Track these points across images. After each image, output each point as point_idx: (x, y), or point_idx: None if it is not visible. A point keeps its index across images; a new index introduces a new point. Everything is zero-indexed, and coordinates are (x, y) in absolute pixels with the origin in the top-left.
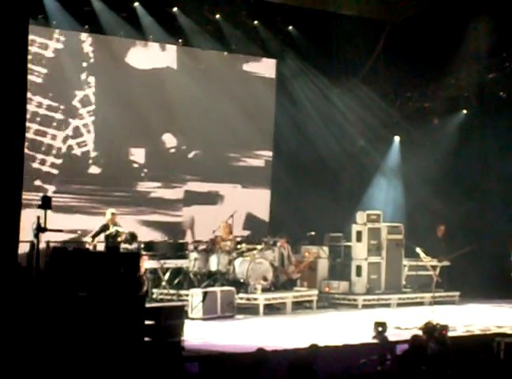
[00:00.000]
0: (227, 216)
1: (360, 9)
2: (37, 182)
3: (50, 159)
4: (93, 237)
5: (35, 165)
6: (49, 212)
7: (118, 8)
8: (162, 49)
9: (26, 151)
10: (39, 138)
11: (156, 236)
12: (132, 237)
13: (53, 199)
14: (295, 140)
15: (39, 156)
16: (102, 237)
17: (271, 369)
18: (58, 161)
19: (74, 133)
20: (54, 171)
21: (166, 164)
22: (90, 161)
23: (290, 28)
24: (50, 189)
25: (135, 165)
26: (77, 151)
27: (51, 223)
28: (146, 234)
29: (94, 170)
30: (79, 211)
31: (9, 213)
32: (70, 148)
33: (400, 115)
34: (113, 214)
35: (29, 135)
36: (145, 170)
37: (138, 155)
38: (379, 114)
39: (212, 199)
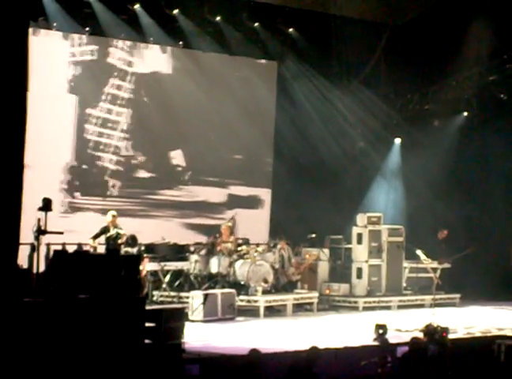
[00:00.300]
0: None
1: (361, 11)
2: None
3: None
4: (94, 238)
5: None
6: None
7: (118, 10)
8: (163, 51)
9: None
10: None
11: (202, 239)
12: (133, 239)
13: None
14: (296, 142)
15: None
16: (102, 239)
17: (270, 371)
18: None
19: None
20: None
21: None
22: (137, 165)
23: (290, 30)
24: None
25: (178, 168)
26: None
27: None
28: (192, 237)
29: (141, 174)
30: (127, 214)
31: (9, 215)
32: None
33: (400, 117)
34: (114, 216)
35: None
36: (189, 173)
37: (179, 158)
38: (380, 116)
39: (254, 203)
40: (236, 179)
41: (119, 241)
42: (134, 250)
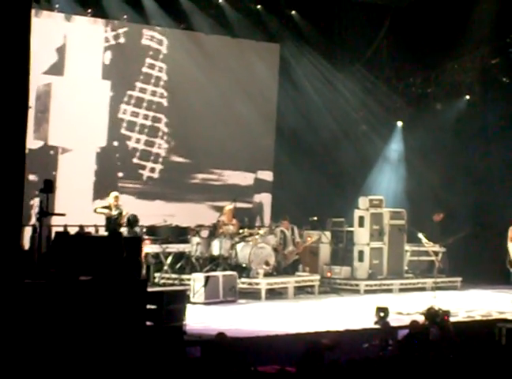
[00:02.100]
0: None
1: None
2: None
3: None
4: (96, 210)
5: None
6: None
7: None
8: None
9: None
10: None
11: None
12: (134, 219)
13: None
14: (298, 125)
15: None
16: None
17: (271, 354)
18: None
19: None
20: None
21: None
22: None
23: (293, 12)
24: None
25: (206, 152)
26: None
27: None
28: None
29: (174, 158)
30: (160, 197)
31: (11, 197)
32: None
33: (402, 100)
34: (116, 197)
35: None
36: (216, 158)
37: (210, 142)
38: (382, 99)
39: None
40: (237, 163)
41: (120, 221)
42: (135, 231)
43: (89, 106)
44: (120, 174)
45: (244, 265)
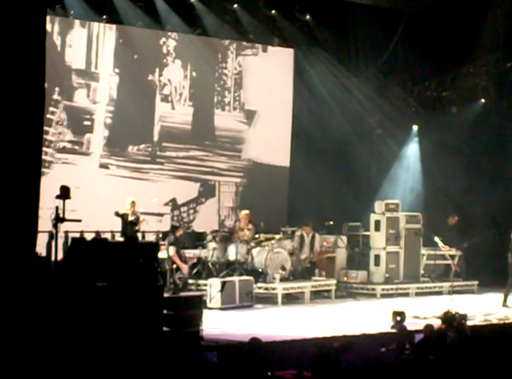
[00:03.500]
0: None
1: None
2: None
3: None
4: (117, 213)
5: None
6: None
7: None
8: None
9: None
10: None
11: None
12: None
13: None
14: (313, 129)
15: None
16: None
17: (289, 358)
18: None
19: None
20: None
21: None
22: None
23: (307, 17)
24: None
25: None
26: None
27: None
28: None
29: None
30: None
31: (27, 204)
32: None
33: (418, 104)
34: (133, 202)
35: None
36: None
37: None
38: (397, 103)
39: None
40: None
41: (137, 227)
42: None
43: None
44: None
45: (260, 270)
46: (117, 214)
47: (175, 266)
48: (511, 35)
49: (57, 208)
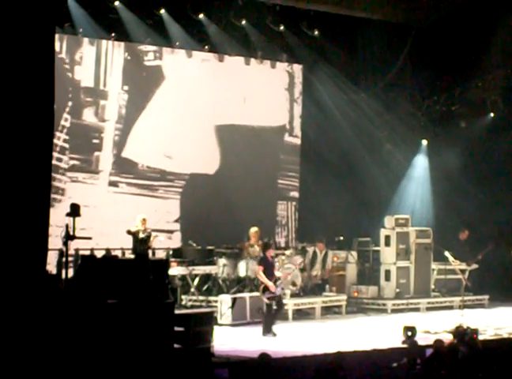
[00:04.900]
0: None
1: (386, 13)
2: None
3: None
4: (129, 231)
5: None
6: None
7: (143, 15)
8: (188, 56)
9: None
10: None
11: None
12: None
13: None
14: (323, 144)
15: None
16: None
17: (300, 374)
18: None
19: None
20: None
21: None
22: None
23: (316, 32)
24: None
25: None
26: None
27: None
28: None
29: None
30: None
31: (37, 222)
32: None
33: (427, 119)
34: (143, 220)
35: None
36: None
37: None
38: (406, 118)
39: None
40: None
41: (149, 244)
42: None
43: None
44: None
45: None
46: (129, 232)
47: (262, 286)
48: None
49: (67, 225)
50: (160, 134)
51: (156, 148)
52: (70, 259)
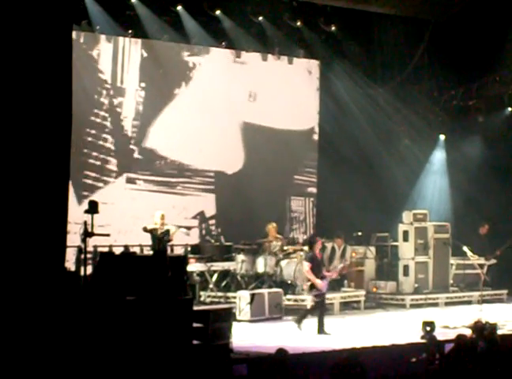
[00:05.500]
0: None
1: (403, 8)
2: None
3: None
4: (145, 228)
5: None
6: None
7: (160, 12)
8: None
9: None
10: None
11: None
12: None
13: None
14: (340, 140)
15: None
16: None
17: (318, 370)
18: None
19: None
20: None
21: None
22: None
23: (333, 28)
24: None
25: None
26: None
27: None
28: None
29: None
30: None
31: (56, 219)
32: None
33: (444, 114)
34: (162, 216)
35: None
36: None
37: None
38: (424, 113)
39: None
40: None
41: (170, 238)
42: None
43: None
44: None
45: (289, 282)
46: (145, 229)
47: (309, 283)
48: None
49: (85, 222)
50: (178, 131)
51: (175, 144)
52: (89, 256)
